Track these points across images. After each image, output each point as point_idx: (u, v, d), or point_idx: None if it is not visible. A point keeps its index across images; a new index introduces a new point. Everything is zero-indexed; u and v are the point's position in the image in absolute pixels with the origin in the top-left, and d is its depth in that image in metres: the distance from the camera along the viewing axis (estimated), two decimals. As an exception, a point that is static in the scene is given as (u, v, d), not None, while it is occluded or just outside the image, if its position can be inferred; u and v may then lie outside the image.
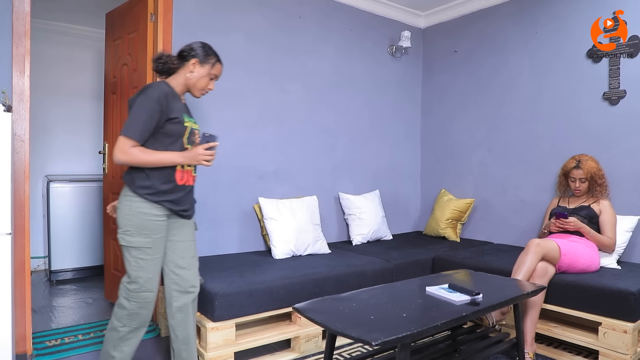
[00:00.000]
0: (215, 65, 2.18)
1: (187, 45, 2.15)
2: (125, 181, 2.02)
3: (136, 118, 1.92)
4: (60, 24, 4.70)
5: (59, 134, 4.78)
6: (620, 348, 2.34)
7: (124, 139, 1.90)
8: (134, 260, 1.99)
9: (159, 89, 1.98)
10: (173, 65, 2.11)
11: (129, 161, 1.92)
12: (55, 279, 4.20)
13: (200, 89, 2.16)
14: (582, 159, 3.02)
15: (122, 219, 1.99)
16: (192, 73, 2.11)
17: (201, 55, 2.12)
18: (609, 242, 2.83)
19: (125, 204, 1.99)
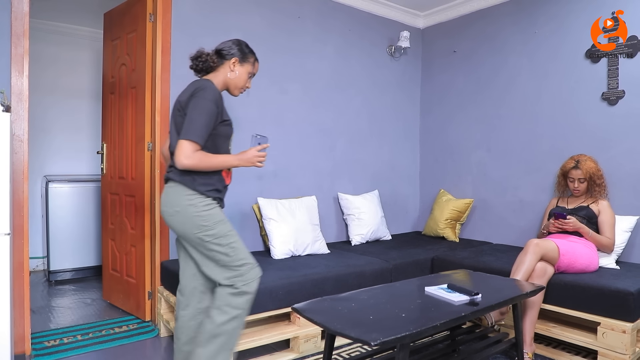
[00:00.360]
0: (255, 64, 2.18)
1: (225, 43, 2.13)
2: (181, 182, 1.94)
3: (198, 121, 1.88)
4: (59, 24, 4.70)
5: (57, 134, 4.77)
6: (619, 348, 2.34)
7: (187, 144, 1.86)
8: (228, 247, 1.96)
9: (214, 91, 1.95)
10: (213, 64, 2.09)
11: (194, 165, 1.88)
12: (54, 279, 4.19)
13: (240, 87, 2.16)
14: (581, 159, 3.02)
15: (193, 219, 1.93)
16: (232, 72, 2.10)
17: (241, 54, 2.11)
18: (607, 242, 2.84)
19: (188, 205, 1.93)
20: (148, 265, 3.09)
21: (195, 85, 1.96)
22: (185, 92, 1.97)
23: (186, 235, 1.96)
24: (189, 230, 1.94)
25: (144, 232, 3.09)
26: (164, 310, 2.94)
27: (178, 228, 1.97)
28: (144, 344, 2.80)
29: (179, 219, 1.94)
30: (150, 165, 3.08)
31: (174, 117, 2.00)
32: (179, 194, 1.95)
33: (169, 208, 1.97)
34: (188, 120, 1.89)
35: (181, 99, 1.97)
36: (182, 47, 3.12)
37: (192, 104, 1.91)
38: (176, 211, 1.95)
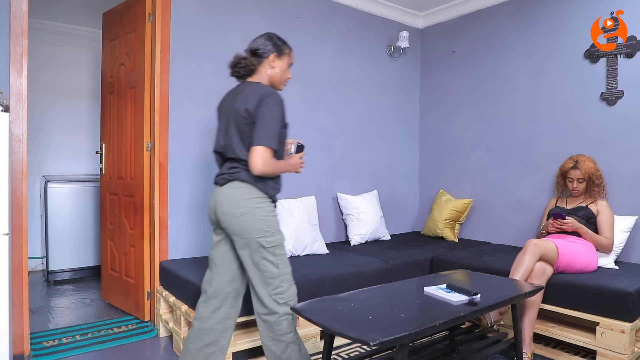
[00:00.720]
0: (291, 54, 2.18)
1: (257, 42, 2.12)
2: (253, 184, 1.96)
3: (272, 127, 1.92)
4: (58, 24, 4.70)
5: (56, 134, 4.77)
6: (618, 348, 2.35)
7: (264, 150, 1.89)
8: (279, 259, 1.98)
9: (278, 95, 1.98)
10: (253, 67, 2.09)
11: (270, 172, 1.93)
12: (52, 279, 4.19)
13: (284, 81, 2.19)
14: (579, 159, 3.02)
15: (257, 223, 1.94)
16: (273, 69, 2.12)
17: (277, 49, 2.11)
18: (606, 242, 2.84)
19: (256, 207, 1.95)
20: (147, 265, 3.09)
21: (258, 91, 1.98)
22: (248, 100, 1.98)
23: (246, 239, 1.95)
24: (251, 233, 1.94)
25: (143, 232, 3.09)
26: (163, 310, 2.93)
27: (239, 230, 1.95)
28: (143, 344, 2.79)
29: (243, 220, 1.94)
30: (150, 165, 3.08)
31: (236, 124, 2.00)
32: (247, 195, 1.96)
33: (234, 209, 1.95)
34: (262, 126, 1.92)
35: (247, 106, 1.96)
36: (181, 47, 3.12)
37: (262, 111, 1.94)
38: (242, 213, 1.94)
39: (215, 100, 3.26)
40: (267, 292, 1.97)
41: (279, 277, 1.97)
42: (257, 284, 1.98)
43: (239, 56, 2.11)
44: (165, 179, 3.07)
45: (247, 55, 2.12)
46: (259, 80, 2.10)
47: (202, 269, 2.78)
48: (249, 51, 2.13)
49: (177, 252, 3.13)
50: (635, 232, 3.08)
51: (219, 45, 3.30)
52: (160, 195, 3.05)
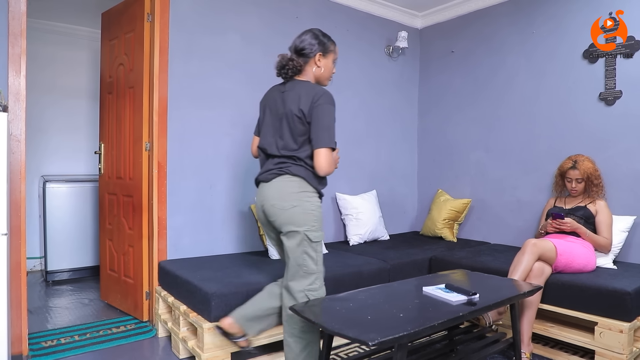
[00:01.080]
0: (335, 50, 2.23)
1: (302, 41, 2.16)
2: (305, 178, 2.04)
3: (331, 128, 2.02)
4: (56, 24, 4.69)
5: (54, 134, 4.76)
6: (616, 348, 2.35)
7: (328, 151, 2.00)
8: (317, 255, 2.06)
9: (330, 94, 2.06)
10: (300, 67, 2.14)
11: (331, 172, 2.03)
12: (51, 279, 4.18)
13: (329, 77, 2.24)
14: (578, 159, 3.02)
15: (306, 215, 2.02)
16: (319, 68, 2.16)
17: (322, 47, 2.16)
18: (605, 242, 2.84)
19: (306, 201, 2.03)
20: (146, 265, 3.09)
21: (310, 91, 2.05)
22: (300, 99, 2.04)
23: (294, 231, 2.01)
24: (300, 226, 2.01)
25: (142, 232, 3.09)
26: (161, 310, 2.93)
27: (288, 222, 2.02)
28: (142, 344, 2.79)
29: (293, 213, 2.01)
30: (148, 165, 3.08)
31: (289, 123, 2.07)
32: (298, 189, 2.03)
33: (284, 202, 2.02)
34: (322, 128, 2.00)
35: (301, 106, 2.03)
36: (180, 47, 3.12)
37: (318, 112, 2.01)
38: (293, 206, 2.01)
39: (215, 100, 3.29)
40: (301, 286, 2.04)
41: (314, 274, 2.05)
42: (293, 277, 2.05)
43: (285, 57, 2.15)
44: (164, 179, 3.07)
45: (293, 56, 2.16)
46: (306, 79, 2.16)
47: (201, 269, 2.79)
48: (294, 51, 2.18)
49: (175, 252, 3.13)
50: (634, 232, 3.08)
51: (218, 44, 3.30)
52: (159, 195, 3.05)
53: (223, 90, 3.34)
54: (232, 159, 3.38)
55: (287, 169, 2.06)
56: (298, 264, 2.03)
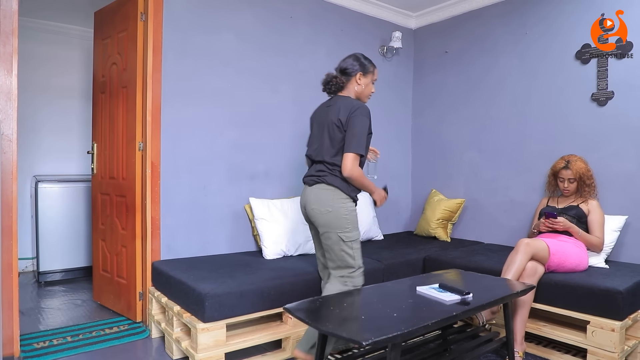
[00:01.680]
0: (374, 71, 2.53)
1: (346, 62, 2.48)
2: (339, 187, 2.35)
3: (361, 136, 2.31)
4: (48, 23, 4.66)
5: (47, 134, 4.73)
6: (608, 346, 2.37)
7: (353, 156, 2.30)
8: (355, 252, 2.37)
9: (366, 107, 2.37)
10: (343, 84, 2.46)
11: (354, 177, 2.32)
12: (43, 280, 4.15)
13: (368, 95, 2.56)
14: (571, 159, 3.04)
15: (339, 220, 2.34)
16: (359, 86, 2.48)
17: (362, 68, 2.47)
18: (597, 241, 2.86)
19: (340, 207, 2.35)
20: (139, 265, 3.07)
21: (349, 104, 2.36)
22: (340, 111, 2.35)
23: (329, 233, 2.36)
24: (334, 228, 2.34)
25: (135, 232, 3.07)
26: (155, 310, 2.92)
27: (325, 224, 2.37)
28: (135, 345, 2.78)
29: (328, 217, 2.35)
30: (142, 165, 3.06)
31: (329, 132, 2.39)
32: (332, 197, 2.36)
33: (321, 207, 2.37)
34: (352, 136, 2.30)
35: (340, 117, 2.35)
36: (173, 46, 3.11)
37: (353, 122, 2.32)
38: (328, 211, 2.35)
39: (209, 99, 3.28)
40: (341, 273, 2.38)
41: (351, 267, 2.37)
42: (335, 267, 2.41)
43: (330, 75, 2.49)
44: (158, 179, 3.06)
45: (337, 74, 2.48)
46: (347, 94, 2.47)
47: (195, 269, 2.78)
48: (338, 70, 2.50)
49: (169, 252, 3.11)
50: (625, 231, 3.10)
51: (212, 43, 3.30)
52: (152, 196, 3.03)
53: (217, 89, 3.33)
54: (226, 159, 3.37)
55: (324, 178, 2.38)
56: (338, 259, 2.37)
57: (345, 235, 2.34)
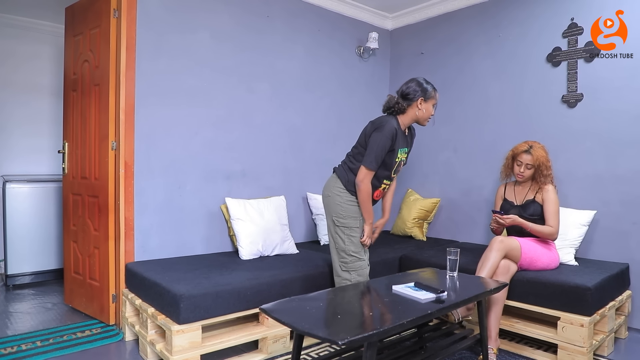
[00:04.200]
0: (436, 95, 2.64)
1: (409, 87, 2.59)
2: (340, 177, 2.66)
3: (375, 153, 2.49)
4: (17, 17, 4.51)
5: (13, 132, 4.58)
6: (578, 341, 2.43)
7: (364, 169, 2.52)
8: (347, 238, 2.60)
9: (391, 128, 2.50)
10: (404, 109, 2.59)
11: (364, 189, 2.55)
12: (12, 283, 4.03)
13: (428, 118, 2.65)
14: (534, 145, 2.93)
15: (336, 206, 2.63)
16: (420, 110, 2.58)
17: (424, 93, 2.57)
18: (550, 230, 2.81)
19: (337, 195, 2.64)
20: (112, 267, 3.01)
21: (381, 121, 2.57)
22: (374, 123, 2.60)
23: (327, 215, 2.69)
24: (329, 212, 2.67)
25: (108, 233, 3.01)
26: (129, 313, 2.87)
27: (325, 207, 2.72)
28: (108, 349, 2.72)
29: (327, 201, 2.68)
30: (115, 164, 3.00)
31: (359, 137, 2.68)
32: (334, 184, 2.66)
33: (326, 191, 2.71)
34: (369, 150, 2.52)
35: (368, 128, 2.62)
36: (147, 44, 3.06)
37: (373, 137, 2.52)
38: (328, 195, 2.67)
39: (184, 98, 3.24)
40: (337, 258, 2.65)
41: (344, 251, 2.61)
42: (332, 251, 2.70)
43: (393, 100, 2.64)
44: (131, 179, 3.00)
45: (399, 99, 2.61)
46: (403, 118, 2.61)
47: (170, 270, 2.74)
48: (400, 94, 2.62)
49: (144, 253, 3.06)
50: (594, 229, 3.20)
51: (187, 42, 3.25)
52: (125, 196, 2.98)
53: (193, 88, 3.29)
54: (201, 159, 3.34)
55: (337, 168, 2.73)
56: (333, 240, 2.66)
57: (338, 220, 2.61)
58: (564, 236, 3.04)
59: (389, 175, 2.65)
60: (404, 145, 2.64)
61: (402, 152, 2.64)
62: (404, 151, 2.66)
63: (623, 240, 3.11)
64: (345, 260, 2.62)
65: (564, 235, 3.04)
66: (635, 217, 3.07)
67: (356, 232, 2.60)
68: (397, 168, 2.68)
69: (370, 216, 2.63)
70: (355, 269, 2.60)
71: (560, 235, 3.02)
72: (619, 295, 2.83)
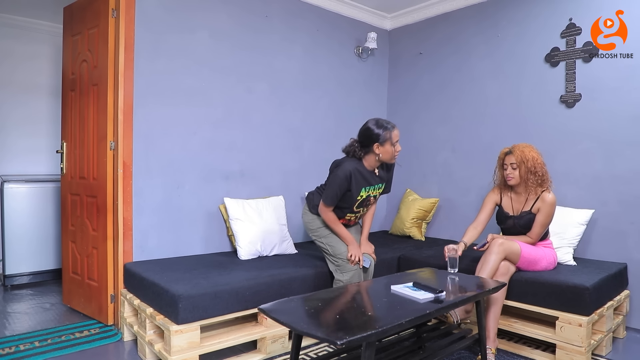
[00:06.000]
0: (392, 135, 2.63)
1: (361, 133, 2.67)
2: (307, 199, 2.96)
3: (330, 191, 2.68)
4: (15, 17, 4.50)
5: (11, 132, 4.57)
6: (576, 341, 2.44)
7: (323, 205, 2.74)
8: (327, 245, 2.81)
9: (346, 171, 2.64)
10: (361, 156, 2.70)
11: (325, 218, 2.78)
12: (10, 283, 4.02)
13: (391, 158, 2.70)
14: (516, 145, 2.82)
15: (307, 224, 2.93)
16: (379, 154, 2.65)
17: (377, 139, 2.61)
18: (527, 241, 2.78)
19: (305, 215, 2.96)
20: (111, 267, 3.01)
21: (340, 163, 2.73)
22: (335, 163, 2.79)
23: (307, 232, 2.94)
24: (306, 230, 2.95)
25: (106, 233, 3.00)
26: (127, 313, 2.86)
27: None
28: (107, 349, 2.72)
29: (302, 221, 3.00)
30: (113, 165, 3.00)
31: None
32: (304, 206, 2.98)
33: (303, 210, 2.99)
34: (326, 188, 2.73)
35: (332, 166, 2.80)
36: (146, 44, 3.06)
37: (330, 177, 2.73)
38: (302, 216, 3.00)
39: (183, 98, 3.24)
40: (331, 264, 2.82)
41: (334, 256, 2.77)
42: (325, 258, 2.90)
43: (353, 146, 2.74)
44: (130, 179, 3.00)
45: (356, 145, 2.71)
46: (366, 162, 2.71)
47: (168, 270, 2.74)
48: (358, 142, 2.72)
49: (142, 253, 3.06)
50: (592, 229, 3.20)
51: (186, 42, 3.25)
52: (124, 196, 2.97)
53: (191, 88, 3.28)
54: (200, 159, 3.33)
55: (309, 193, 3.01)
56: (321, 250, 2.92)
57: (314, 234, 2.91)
58: (562, 235, 3.04)
59: (351, 209, 2.79)
60: (370, 184, 2.74)
61: (368, 190, 2.75)
62: (370, 189, 2.76)
63: (621, 240, 3.12)
64: (338, 264, 2.74)
65: (562, 234, 3.05)
66: (633, 217, 3.07)
67: (332, 239, 2.80)
68: (364, 203, 2.80)
69: (347, 239, 2.76)
70: (347, 270, 2.69)
71: (559, 234, 3.04)
72: (617, 295, 2.84)
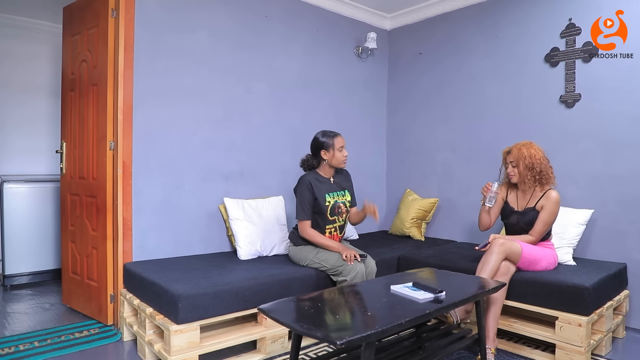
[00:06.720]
0: (335, 142, 2.91)
1: (312, 142, 2.96)
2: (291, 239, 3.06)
3: (300, 204, 2.87)
4: (15, 17, 4.50)
5: (11, 132, 4.57)
6: (575, 341, 2.44)
7: (300, 222, 2.90)
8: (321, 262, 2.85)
9: (305, 181, 2.88)
10: (317, 165, 2.98)
11: (308, 238, 2.90)
12: (9, 283, 4.02)
13: (339, 163, 2.96)
14: (516, 144, 2.86)
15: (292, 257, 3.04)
16: (329, 160, 2.93)
17: (322, 146, 2.91)
18: (528, 240, 2.78)
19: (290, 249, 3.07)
20: (110, 267, 3.00)
21: (298, 180, 2.94)
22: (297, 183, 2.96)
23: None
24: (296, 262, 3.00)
25: (106, 233, 3.00)
26: (127, 313, 2.86)
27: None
28: (106, 349, 2.72)
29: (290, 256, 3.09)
30: (112, 165, 3.00)
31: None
32: (290, 245, 3.07)
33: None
34: (296, 206, 2.90)
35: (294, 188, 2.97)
36: (145, 44, 3.06)
37: (296, 195, 2.92)
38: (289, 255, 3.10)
39: (182, 98, 3.24)
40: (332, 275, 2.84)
41: (332, 268, 2.81)
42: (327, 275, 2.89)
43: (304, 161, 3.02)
44: (129, 179, 3.00)
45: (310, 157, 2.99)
46: (321, 170, 2.99)
47: (168, 270, 2.74)
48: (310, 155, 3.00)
49: (142, 253, 3.06)
50: (591, 229, 3.20)
51: (185, 42, 3.25)
52: (123, 196, 2.97)
53: (191, 88, 3.28)
54: (199, 159, 3.33)
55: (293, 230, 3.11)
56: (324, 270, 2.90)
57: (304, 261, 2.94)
58: (561, 235, 3.04)
59: (326, 219, 2.91)
60: (332, 190, 2.96)
61: (334, 196, 2.94)
62: (334, 194, 2.95)
63: (621, 240, 3.12)
64: (337, 272, 2.78)
65: (562, 234, 3.05)
66: (632, 217, 3.08)
67: (323, 254, 2.85)
68: (335, 210, 2.94)
69: (334, 247, 2.84)
70: (348, 272, 2.70)
71: (558, 234, 3.04)
72: (616, 295, 2.84)
